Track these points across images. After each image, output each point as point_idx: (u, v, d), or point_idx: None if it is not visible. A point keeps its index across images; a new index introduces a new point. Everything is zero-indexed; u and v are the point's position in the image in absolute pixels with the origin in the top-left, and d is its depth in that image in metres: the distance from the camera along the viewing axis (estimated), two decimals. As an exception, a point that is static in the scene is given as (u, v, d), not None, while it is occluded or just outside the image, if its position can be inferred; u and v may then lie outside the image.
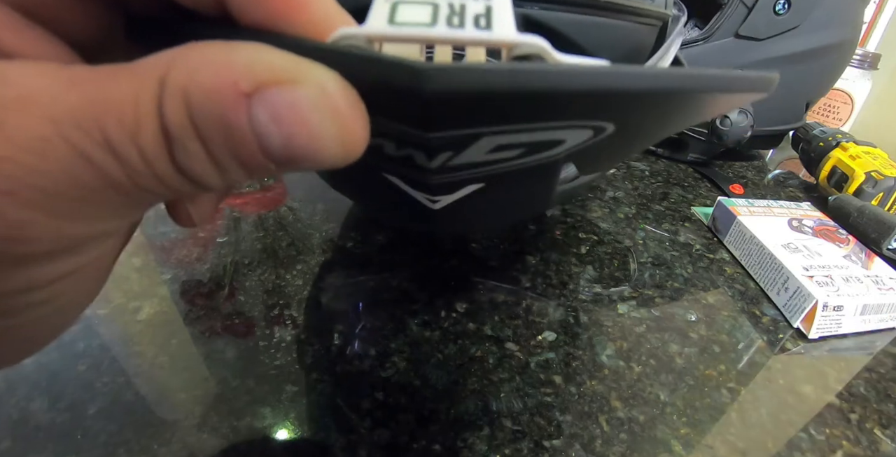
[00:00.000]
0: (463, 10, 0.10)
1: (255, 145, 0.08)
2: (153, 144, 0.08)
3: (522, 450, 0.21)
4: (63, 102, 0.08)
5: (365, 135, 0.09)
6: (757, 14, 0.47)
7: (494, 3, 0.10)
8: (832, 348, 0.29)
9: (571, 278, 0.33)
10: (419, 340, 0.26)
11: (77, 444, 0.20)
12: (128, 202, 0.09)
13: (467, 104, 0.08)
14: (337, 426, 0.21)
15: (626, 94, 0.09)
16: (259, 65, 0.08)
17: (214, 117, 0.08)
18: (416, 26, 0.09)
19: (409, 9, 0.09)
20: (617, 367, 0.26)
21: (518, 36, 0.09)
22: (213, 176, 0.09)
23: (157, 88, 0.08)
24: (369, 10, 0.10)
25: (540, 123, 0.11)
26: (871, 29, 0.78)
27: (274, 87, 0.08)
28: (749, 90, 0.11)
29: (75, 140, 0.08)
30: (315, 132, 0.08)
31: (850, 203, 0.42)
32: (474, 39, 0.09)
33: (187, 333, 0.26)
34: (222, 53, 0.08)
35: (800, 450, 0.23)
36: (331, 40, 0.09)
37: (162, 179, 0.08)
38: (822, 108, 0.72)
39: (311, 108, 0.08)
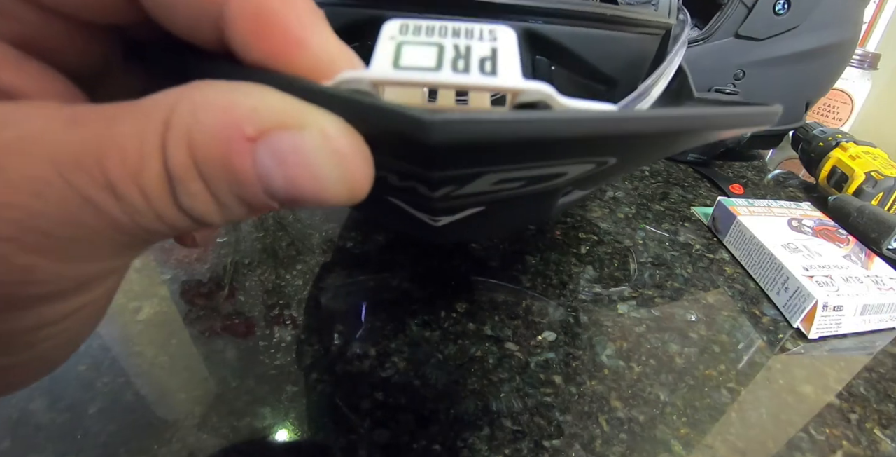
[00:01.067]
0: (468, 52, 0.09)
1: (258, 187, 0.08)
2: (155, 185, 0.08)
3: (522, 450, 0.21)
4: (63, 143, 0.08)
5: (369, 177, 0.09)
6: (757, 14, 0.47)
7: (500, 45, 0.10)
8: (832, 348, 0.29)
9: (571, 278, 0.33)
10: (419, 340, 0.26)
11: (77, 444, 0.20)
12: (130, 241, 0.09)
13: (471, 150, 0.09)
14: (337, 426, 0.21)
15: (629, 138, 0.09)
16: (263, 109, 0.08)
17: (218, 160, 0.08)
18: (421, 71, 0.09)
19: (414, 51, 0.09)
20: (617, 367, 0.26)
21: (523, 82, 0.09)
22: (215, 214, 0.09)
23: (160, 130, 0.08)
24: (374, 50, 0.09)
25: (543, 163, 0.11)
26: (871, 29, 0.78)
27: (278, 131, 0.08)
28: (749, 126, 0.10)
29: (76, 181, 0.08)
30: (318, 176, 0.08)
31: (850, 203, 0.42)
32: (480, 86, 0.09)
33: (187, 334, 0.26)
34: (226, 96, 0.08)
35: (800, 450, 0.23)
36: (334, 83, 0.09)
37: (163, 218, 0.08)
38: (822, 108, 0.72)
39: (314, 152, 0.08)
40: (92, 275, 0.09)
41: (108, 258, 0.09)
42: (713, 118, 0.10)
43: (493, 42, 0.10)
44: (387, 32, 0.10)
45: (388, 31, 0.10)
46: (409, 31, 0.10)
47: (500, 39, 0.10)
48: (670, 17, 0.27)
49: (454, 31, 0.10)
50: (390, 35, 0.10)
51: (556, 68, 0.24)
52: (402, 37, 0.10)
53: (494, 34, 0.10)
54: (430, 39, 0.10)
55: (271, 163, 0.08)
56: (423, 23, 0.10)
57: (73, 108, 0.08)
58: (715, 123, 0.10)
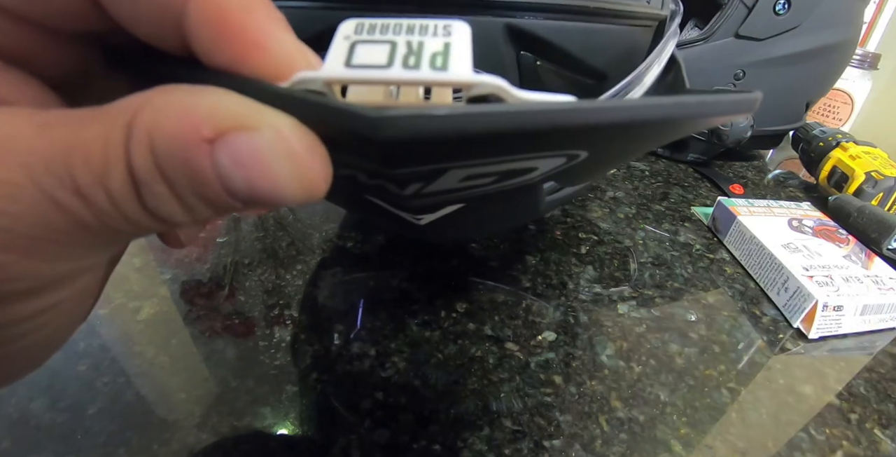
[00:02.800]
0: (421, 48, 0.09)
1: (219, 187, 0.08)
2: (120, 187, 0.08)
3: (522, 450, 0.21)
4: (33, 147, 0.08)
5: (325, 176, 0.09)
6: (757, 14, 0.47)
7: (453, 40, 0.09)
8: (832, 348, 0.29)
9: (571, 278, 0.33)
10: (419, 341, 0.26)
11: (77, 444, 0.20)
12: (99, 241, 0.09)
13: (424, 145, 0.08)
14: (337, 426, 0.21)
15: (589, 129, 0.09)
16: (220, 111, 0.08)
17: (179, 161, 0.08)
18: (371, 69, 0.09)
19: (366, 49, 0.09)
20: (617, 367, 0.26)
21: (473, 76, 0.09)
22: (181, 215, 0.09)
23: (124, 133, 0.08)
24: (328, 50, 0.09)
25: (505, 157, 0.10)
26: (871, 29, 0.78)
27: (234, 132, 0.08)
28: (727, 114, 0.10)
29: (45, 184, 0.08)
30: (274, 175, 0.08)
31: (850, 203, 0.42)
32: (429, 81, 0.09)
33: (187, 334, 0.26)
34: (185, 99, 0.08)
35: (800, 450, 0.23)
36: (289, 84, 0.09)
37: (130, 219, 0.09)
38: (822, 108, 0.72)
39: (268, 152, 0.08)
40: (65, 272, 0.10)
41: (79, 257, 0.09)
42: (680, 108, 0.09)
43: (446, 37, 0.10)
44: (342, 32, 0.10)
45: (343, 30, 0.10)
46: (364, 29, 0.10)
47: (454, 34, 0.10)
48: (662, 9, 0.26)
49: (408, 28, 0.10)
50: (345, 34, 0.10)
51: (541, 63, 0.23)
52: (357, 36, 0.10)
53: (449, 29, 0.10)
54: (384, 37, 0.10)
55: (229, 163, 0.08)
56: (379, 21, 0.10)
57: (45, 113, 0.08)
58: (682, 112, 0.09)
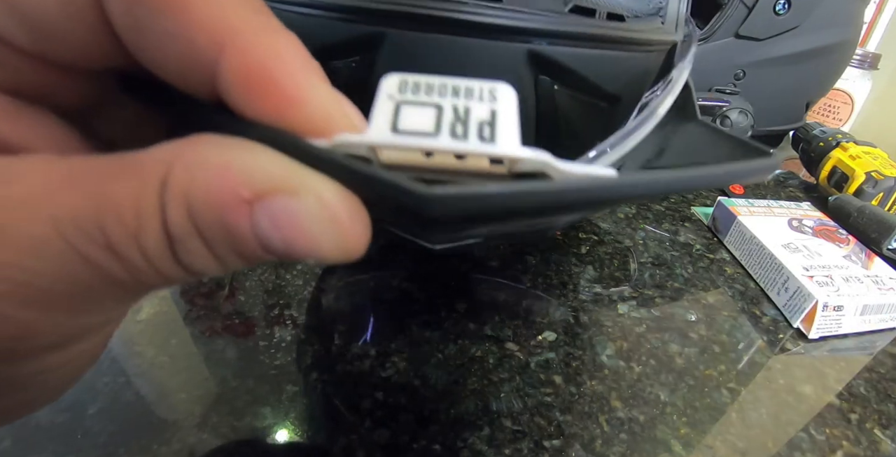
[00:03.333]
0: (467, 115, 0.09)
1: (256, 245, 0.08)
2: (155, 245, 0.08)
3: (522, 450, 0.21)
4: (62, 200, 0.08)
5: (366, 238, 0.09)
6: (757, 14, 0.47)
7: (500, 107, 0.09)
8: (832, 348, 0.29)
9: (571, 278, 0.33)
10: (419, 341, 0.26)
11: (77, 444, 0.20)
12: (128, 294, 0.09)
13: (469, 217, 0.09)
14: (337, 426, 0.21)
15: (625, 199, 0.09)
16: (259, 172, 0.08)
17: (216, 221, 0.08)
18: (419, 136, 0.09)
19: (412, 112, 0.09)
20: (617, 367, 0.26)
21: (522, 151, 0.09)
22: (213, 268, 0.09)
23: (158, 190, 0.08)
24: (372, 110, 0.09)
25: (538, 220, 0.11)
26: (871, 29, 0.78)
27: (274, 195, 0.08)
28: (745, 180, 0.11)
29: (75, 241, 0.08)
30: (314, 239, 0.08)
31: (850, 203, 0.41)
32: (478, 152, 0.09)
33: (187, 333, 0.26)
34: (223, 156, 0.08)
35: (800, 450, 0.23)
36: (331, 144, 0.09)
37: (163, 273, 0.09)
38: (822, 108, 0.71)
39: (309, 218, 0.08)
40: (91, 325, 0.09)
41: (106, 310, 0.09)
42: (706, 179, 0.10)
43: (492, 103, 0.09)
44: (385, 90, 0.09)
45: (386, 87, 0.09)
46: (409, 88, 0.09)
47: (499, 100, 0.09)
48: (677, 31, 0.26)
49: (454, 90, 0.10)
50: (389, 94, 0.09)
51: (558, 87, 0.23)
52: (401, 96, 0.09)
53: (494, 94, 0.10)
54: (429, 99, 0.09)
55: (268, 225, 0.08)
56: (423, 79, 0.10)
57: (70, 161, 0.08)
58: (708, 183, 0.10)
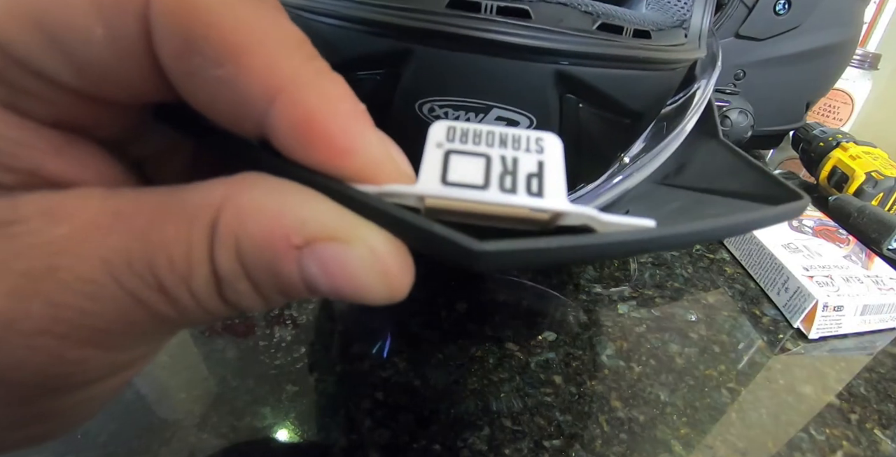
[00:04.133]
0: (516, 166, 0.09)
1: (303, 288, 0.09)
2: (204, 287, 0.08)
3: (522, 450, 0.21)
4: (112, 241, 0.08)
5: (411, 283, 0.09)
6: (757, 14, 0.47)
7: (546, 159, 0.09)
8: (832, 348, 0.29)
9: (571, 278, 0.32)
10: (419, 341, 0.26)
11: (77, 444, 0.20)
12: (174, 329, 0.09)
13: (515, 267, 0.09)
14: (337, 426, 0.21)
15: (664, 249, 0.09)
16: (311, 219, 0.08)
17: (266, 266, 0.08)
18: (468, 189, 0.09)
19: (461, 163, 0.09)
20: (617, 367, 0.26)
21: (568, 206, 0.09)
22: (259, 306, 0.09)
23: (208, 233, 0.08)
24: (422, 161, 0.09)
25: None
26: (871, 29, 0.78)
27: (325, 243, 0.08)
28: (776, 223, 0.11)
29: (126, 282, 0.08)
30: (362, 287, 0.09)
31: (850, 203, 0.41)
32: (526, 206, 0.09)
33: (187, 333, 0.26)
34: (274, 202, 0.08)
35: (800, 450, 0.23)
36: (380, 193, 0.09)
37: (210, 312, 0.09)
38: (822, 108, 0.71)
39: (360, 268, 0.08)
40: (136, 358, 0.10)
41: (151, 343, 0.10)
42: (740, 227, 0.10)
43: (539, 154, 0.10)
44: (433, 138, 0.10)
45: (434, 135, 0.10)
46: (457, 137, 0.10)
47: (546, 150, 0.10)
48: (700, 46, 0.26)
49: (501, 140, 0.10)
50: (437, 142, 0.09)
51: (583, 105, 0.23)
52: (450, 144, 0.09)
53: (541, 144, 0.10)
54: (477, 149, 0.09)
55: (317, 271, 0.08)
56: (471, 127, 0.10)
57: (118, 199, 0.08)
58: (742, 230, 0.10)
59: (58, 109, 0.09)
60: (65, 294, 0.08)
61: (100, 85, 0.09)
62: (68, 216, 0.08)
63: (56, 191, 0.08)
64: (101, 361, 0.09)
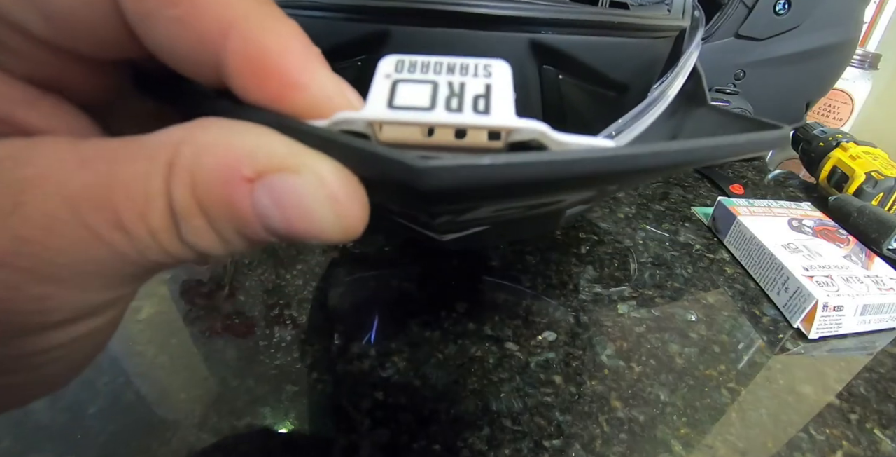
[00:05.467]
0: (462, 89, 0.09)
1: (257, 224, 0.09)
2: (161, 223, 0.08)
3: (522, 450, 0.21)
4: (76, 181, 0.08)
5: (364, 218, 0.09)
6: (757, 14, 0.47)
7: (494, 81, 0.10)
8: (832, 349, 0.29)
9: (571, 278, 0.33)
10: (419, 341, 0.26)
11: (77, 444, 0.20)
12: (137, 272, 0.09)
13: (465, 191, 0.09)
14: (337, 426, 0.21)
15: (626, 173, 0.09)
16: (261, 152, 0.08)
17: (219, 199, 0.08)
18: (414, 111, 0.09)
19: (408, 89, 0.09)
20: (617, 367, 0.26)
21: (516, 121, 0.09)
22: (217, 248, 0.09)
23: (165, 170, 0.08)
24: (370, 89, 0.09)
25: (540, 197, 0.11)
26: (871, 29, 0.78)
27: (275, 174, 0.08)
28: (753, 152, 0.10)
29: (87, 219, 0.08)
30: (314, 218, 0.09)
31: (850, 203, 0.41)
32: (473, 124, 0.09)
33: (187, 333, 0.26)
34: (226, 138, 0.08)
35: (800, 450, 0.23)
36: (330, 123, 0.09)
37: (169, 251, 0.09)
38: (822, 108, 0.71)
39: (310, 196, 0.08)
40: (101, 303, 0.10)
41: (116, 287, 0.10)
42: (711, 151, 0.10)
43: (487, 78, 0.10)
44: (382, 70, 0.10)
45: (383, 68, 0.10)
46: (405, 67, 0.10)
47: (494, 75, 0.10)
48: (683, 18, 0.26)
49: (449, 67, 0.10)
50: (386, 73, 0.10)
51: (563, 77, 0.23)
52: (398, 74, 0.10)
53: (489, 69, 0.10)
54: (425, 76, 0.10)
55: (269, 203, 0.08)
56: (419, 59, 0.10)
57: (83, 145, 0.09)
58: (713, 155, 0.10)
59: (31, 63, 0.10)
60: (28, 228, 0.08)
61: (69, 35, 0.09)
62: (35, 159, 0.08)
63: (27, 137, 0.09)
64: (64, 299, 0.09)
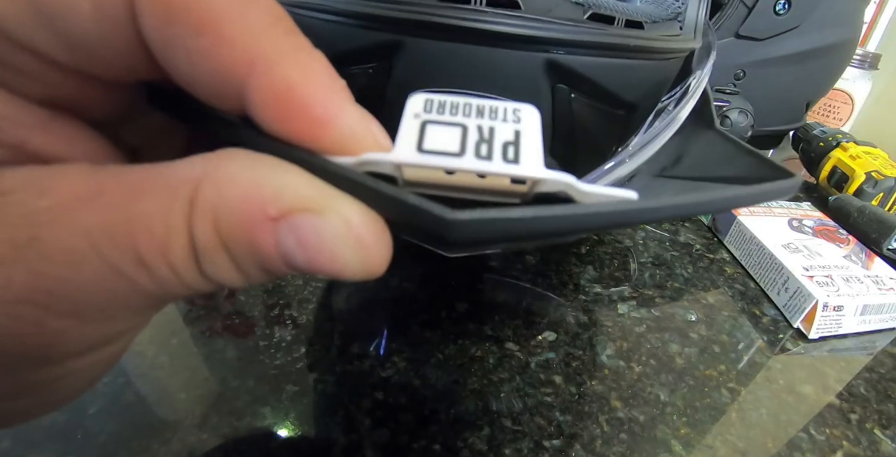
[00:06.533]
0: (492, 135, 0.09)
1: (279, 262, 0.09)
2: (182, 259, 0.08)
3: (522, 450, 0.21)
4: (95, 215, 0.08)
5: (388, 257, 0.09)
6: (757, 14, 0.47)
7: (524, 128, 0.09)
8: (832, 348, 0.29)
9: (571, 278, 0.33)
10: (419, 341, 0.26)
11: (77, 444, 0.20)
12: (155, 303, 0.09)
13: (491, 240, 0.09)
14: (337, 426, 0.21)
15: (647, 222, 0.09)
16: (287, 191, 0.08)
17: (242, 237, 0.08)
18: (444, 156, 0.09)
19: (438, 132, 0.09)
20: (617, 367, 0.26)
21: (545, 173, 0.09)
22: (237, 281, 0.09)
23: (187, 207, 0.08)
24: (398, 130, 0.09)
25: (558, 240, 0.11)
26: (871, 29, 0.78)
27: (300, 215, 0.08)
28: (765, 201, 0.11)
29: (107, 254, 0.08)
30: (338, 259, 0.09)
31: (850, 203, 0.41)
32: (502, 173, 0.09)
33: (187, 333, 0.26)
34: (250, 174, 0.08)
35: (800, 450, 0.23)
36: (356, 162, 0.09)
37: (188, 285, 0.09)
38: (822, 108, 0.71)
39: (334, 239, 0.08)
40: (117, 333, 0.10)
41: (133, 318, 0.10)
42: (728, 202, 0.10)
43: (516, 124, 0.09)
44: (411, 109, 0.09)
45: (412, 107, 0.10)
46: (434, 108, 0.10)
47: (523, 120, 0.10)
48: (696, 38, 0.25)
49: (479, 110, 0.10)
50: (414, 113, 0.09)
51: (575, 95, 0.23)
52: (427, 115, 0.09)
53: (518, 115, 0.10)
54: (454, 119, 0.09)
55: (292, 243, 0.08)
56: (448, 99, 0.10)
57: (101, 174, 0.08)
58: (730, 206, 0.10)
59: (46, 87, 0.09)
60: (46, 263, 0.08)
61: (87, 60, 0.09)
62: (52, 189, 0.08)
63: (42, 166, 0.09)
64: (82, 332, 0.09)
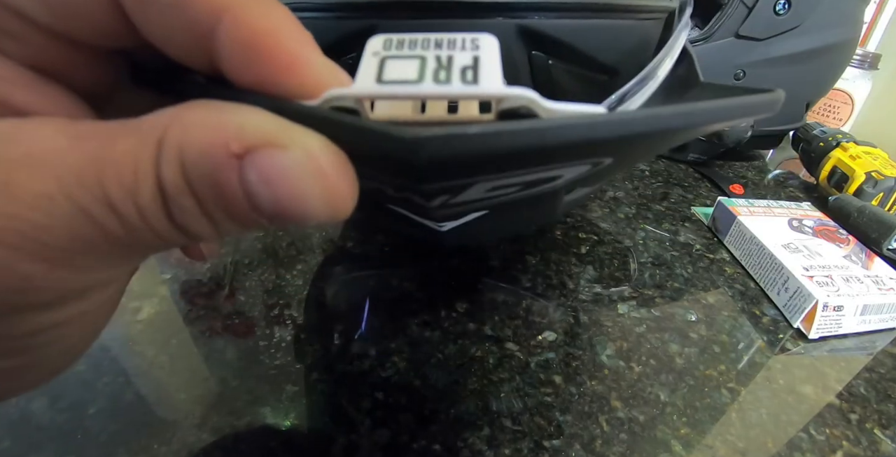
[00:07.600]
0: (450, 62, 0.09)
1: (245, 203, 0.09)
2: (150, 203, 0.08)
3: (522, 450, 0.21)
4: (67, 160, 0.08)
5: (353, 196, 0.09)
6: (757, 14, 0.47)
7: (482, 53, 0.10)
8: (832, 349, 0.29)
9: (571, 278, 0.33)
10: (419, 341, 0.26)
11: (77, 444, 0.20)
12: (127, 253, 0.09)
13: (457, 163, 0.09)
14: (337, 426, 0.21)
15: (620, 139, 0.09)
16: (249, 127, 0.08)
17: (207, 177, 0.08)
18: (403, 84, 0.09)
19: (396, 64, 0.09)
20: (617, 367, 0.26)
21: (504, 89, 0.09)
22: (207, 230, 0.09)
23: (154, 149, 0.08)
24: (358, 66, 0.09)
25: (533, 168, 0.11)
26: (871, 29, 0.78)
27: (263, 150, 0.08)
28: (749, 115, 0.10)
29: (78, 198, 0.08)
30: (301, 194, 0.09)
31: (850, 203, 0.41)
32: (461, 95, 0.09)
33: (187, 333, 0.26)
34: (215, 115, 0.08)
35: (800, 450, 0.23)
36: (320, 101, 0.09)
37: (158, 233, 0.09)
38: (822, 108, 0.71)
39: (297, 171, 0.08)
40: (90, 283, 0.10)
41: (106, 268, 0.09)
42: (706, 114, 0.09)
43: (474, 51, 0.10)
44: (370, 48, 0.10)
45: (371, 47, 0.10)
46: (393, 45, 0.10)
47: (482, 48, 0.10)
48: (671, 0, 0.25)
49: (437, 43, 0.10)
50: (374, 51, 0.10)
51: (553, 62, 0.23)
52: (386, 52, 0.10)
53: (476, 43, 0.10)
54: (413, 52, 0.10)
55: (257, 180, 0.08)
56: (406, 37, 0.10)
57: (77, 124, 0.09)
58: (708, 118, 0.10)
59: (31, 49, 0.10)
60: (18, 206, 0.08)
61: (68, 20, 0.09)
62: (27, 138, 0.08)
63: (20, 118, 0.09)
64: (51, 278, 0.09)
